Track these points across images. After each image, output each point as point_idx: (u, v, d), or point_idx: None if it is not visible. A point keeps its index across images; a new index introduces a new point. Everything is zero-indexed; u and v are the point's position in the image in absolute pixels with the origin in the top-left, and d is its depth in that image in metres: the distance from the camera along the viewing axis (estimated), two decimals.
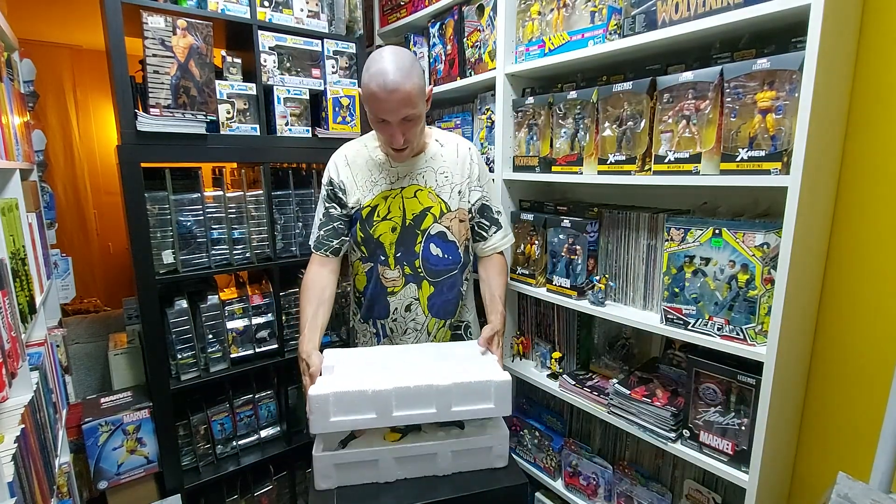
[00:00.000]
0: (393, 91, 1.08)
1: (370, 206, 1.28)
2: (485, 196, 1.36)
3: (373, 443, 0.99)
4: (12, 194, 1.40)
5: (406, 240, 1.29)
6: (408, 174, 1.29)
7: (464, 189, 1.32)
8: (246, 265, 1.77)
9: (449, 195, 1.31)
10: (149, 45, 1.46)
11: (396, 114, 1.12)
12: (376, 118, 1.15)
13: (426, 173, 1.30)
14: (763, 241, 1.02)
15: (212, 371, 1.72)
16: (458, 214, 1.32)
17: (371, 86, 1.10)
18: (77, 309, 2.86)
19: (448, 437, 1.01)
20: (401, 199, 1.28)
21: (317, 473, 0.97)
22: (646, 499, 1.37)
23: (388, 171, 1.29)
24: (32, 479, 1.05)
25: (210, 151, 1.63)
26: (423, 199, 1.29)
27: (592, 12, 1.31)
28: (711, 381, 1.14)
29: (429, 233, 1.30)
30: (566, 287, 1.45)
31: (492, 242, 1.38)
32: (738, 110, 1.03)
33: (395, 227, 1.28)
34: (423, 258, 1.31)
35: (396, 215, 1.28)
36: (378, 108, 1.12)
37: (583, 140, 1.38)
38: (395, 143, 1.17)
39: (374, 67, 1.10)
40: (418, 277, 1.31)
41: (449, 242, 1.32)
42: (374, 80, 1.09)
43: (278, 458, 1.90)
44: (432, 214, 1.29)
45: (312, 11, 1.81)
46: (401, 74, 1.08)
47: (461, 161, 1.33)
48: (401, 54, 1.12)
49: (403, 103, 1.10)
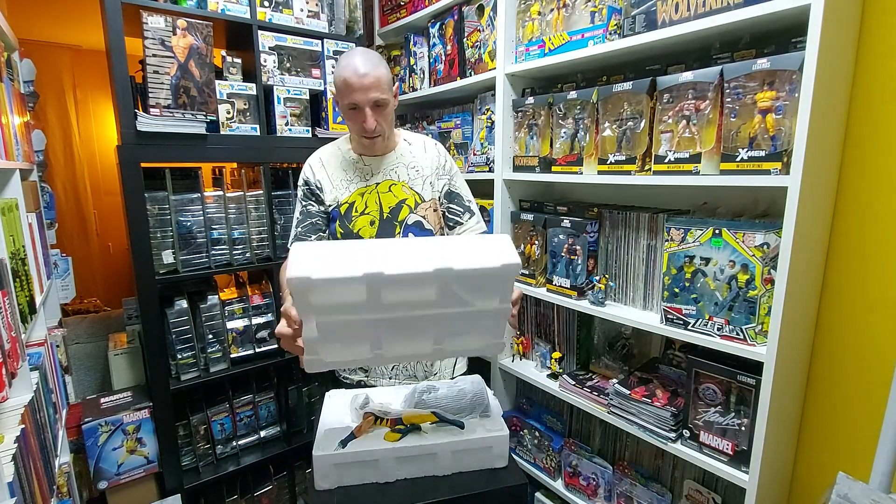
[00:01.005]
0: (364, 75, 1.16)
1: (347, 202, 1.32)
2: (452, 182, 1.39)
3: (373, 443, 0.99)
4: (12, 194, 1.40)
5: (385, 232, 1.32)
6: (381, 170, 1.34)
7: (433, 180, 1.37)
8: (246, 265, 1.77)
9: (421, 186, 1.35)
10: (149, 45, 1.46)
11: (367, 95, 1.18)
12: (349, 105, 1.20)
13: (398, 168, 1.35)
14: (763, 241, 1.02)
15: (212, 371, 1.72)
16: (431, 204, 1.36)
17: (343, 73, 1.18)
18: (77, 309, 2.86)
19: (448, 437, 1.01)
20: (376, 194, 1.32)
21: (317, 473, 0.97)
22: (646, 499, 1.37)
23: (362, 168, 1.34)
24: (32, 479, 1.05)
25: (210, 151, 1.63)
26: (397, 192, 1.33)
27: (592, 12, 1.31)
28: (711, 381, 1.14)
29: (406, 223, 1.33)
30: (566, 287, 1.45)
31: (468, 227, 1.39)
32: (738, 110, 1.03)
33: (373, 221, 1.32)
34: None
35: (374, 209, 1.32)
36: (350, 92, 1.18)
37: (583, 140, 1.38)
38: (367, 127, 1.21)
39: (343, 61, 1.20)
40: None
41: (426, 230, 1.35)
42: (345, 69, 1.18)
43: (278, 458, 1.90)
44: (408, 206, 1.33)
45: (312, 11, 1.81)
46: (371, 63, 1.18)
47: (429, 155, 1.38)
48: (369, 51, 1.23)
49: (374, 86, 1.17)
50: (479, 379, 1.18)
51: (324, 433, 1.02)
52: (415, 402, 1.11)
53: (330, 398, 1.17)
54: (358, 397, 1.12)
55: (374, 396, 1.14)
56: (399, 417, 1.04)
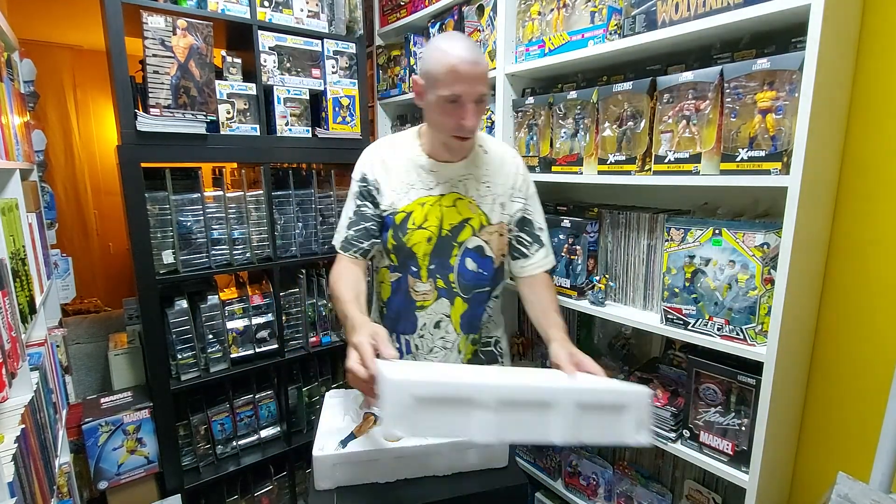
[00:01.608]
0: (475, 63, 1.01)
1: (405, 211, 1.17)
2: (527, 208, 1.24)
3: (373, 443, 0.99)
4: (12, 194, 1.40)
5: (441, 251, 1.17)
6: (448, 180, 1.17)
7: (506, 201, 1.21)
8: (246, 265, 1.77)
9: (490, 207, 1.19)
10: (149, 45, 1.46)
11: (475, 88, 1.02)
12: (449, 97, 1.02)
13: (467, 181, 1.18)
14: (763, 241, 1.02)
15: (212, 371, 1.72)
16: (498, 228, 1.21)
17: (447, 58, 1.00)
18: (77, 309, 2.86)
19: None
20: (439, 208, 1.16)
21: (317, 473, 0.97)
22: (646, 499, 1.37)
23: (427, 175, 1.17)
24: (32, 480, 1.05)
25: (210, 151, 1.63)
26: (462, 209, 1.17)
27: (592, 12, 1.31)
28: (711, 381, 1.14)
29: (466, 246, 1.18)
30: (566, 287, 1.45)
31: (535, 260, 1.23)
32: (738, 110, 1.03)
33: (430, 237, 1.16)
34: (458, 272, 1.19)
35: (433, 224, 1.16)
36: (455, 82, 1.01)
37: (583, 140, 1.38)
38: (468, 125, 1.05)
39: (444, 44, 1.03)
40: (451, 293, 1.20)
41: (486, 258, 1.20)
42: (450, 53, 1.01)
43: (278, 458, 1.90)
44: (471, 226, 1.18)
45: (312, 11, 1.81)
46: (477, 51, 1.03)
47: (506, 171, 1.22)
48: (467, 36, 1.07)
49: (482, 79, 1.03)
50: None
51: (324, 433, 1.02)
52: None
53: (330, 398, 1.17)
54: (358, 398, 1.12)
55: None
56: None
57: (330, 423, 1.07)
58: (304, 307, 1.91)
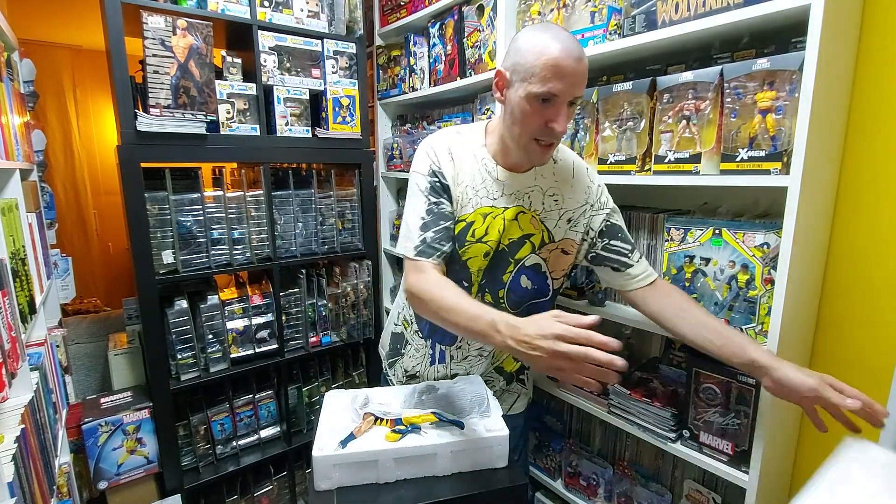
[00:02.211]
0: (579, 60, 0.88)
1: (465, 221, 1.04)
2: (611, 217, 1.11)
3: (372, 443, 0.99)
4: (12, 194, 1.40)
5: (495, 267, 1.08)
6: (514, 192, 1.05)
7: (576, 217, 1.09)
8: (246, 265, 1.77)
9: (555, 223, 1.08)
10: (149, 45, 1.46)
11: (574, 89, 0.90)
12: (544, 94, 0.89)
13: (533, 194, 1.06)
14: (763, 241, 1.02)
15: (212, 371, 1.72)
16: (561, 245, 1.09)
17: (552, 51, 0.87)
18: (77, 309, 2.86)
19: (448, 438, 1.01)
20: (501, 221, 1.04)
21: (316, 474, 0.97)
22: (646, 499, 1.37)
23: (494, 182, 1.04)
24: (32, 480, 1.05)
25: (210, 151, 1.63)
26: (524, 224, 1.05)
27: (592, 12, 1.31)
28: (711, 381, 1.14)
29: (523, 263, 1.08)
30: (566, 287, 1.45)
31: (642, 268, 1.09)
32: (738, 110, 1.03)
33: (488, 253, 1.05)
34: (509, 289, 1.10)
35: (493, 238, 1.04)
36: (555, 78, 0.88)
37: (583, 140, 1.38)
38: (558, 128, 0.91)
39: (548, 34, 0.89)
40: (499, 307, 1.09)
41: (541, 274, 1.10)
42: (551, 45, 0.87)
43: (278, 458, 1.90)
44: (531, 243, 1.07)
45: (312, 11, 1.81)
46: (580, 48, 0.90)
47: (576, 183, 1.09)
48: (572, 36, 0.92)
49: (583, 79, 0.91)
50: (478, 379, 1.18)
51: (323, 434, 1.02)
52: (414, 402, 1.11)
53: (330, 398, 1.17)
54: (357, 398, 1.12)
55: (374, 397, 1.14)
56: (399, 418, 1.04)
57: (329, 423, 1.07)
58: (304, 307, 1.91)
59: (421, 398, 1.11)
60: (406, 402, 1.12)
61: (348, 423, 1.05)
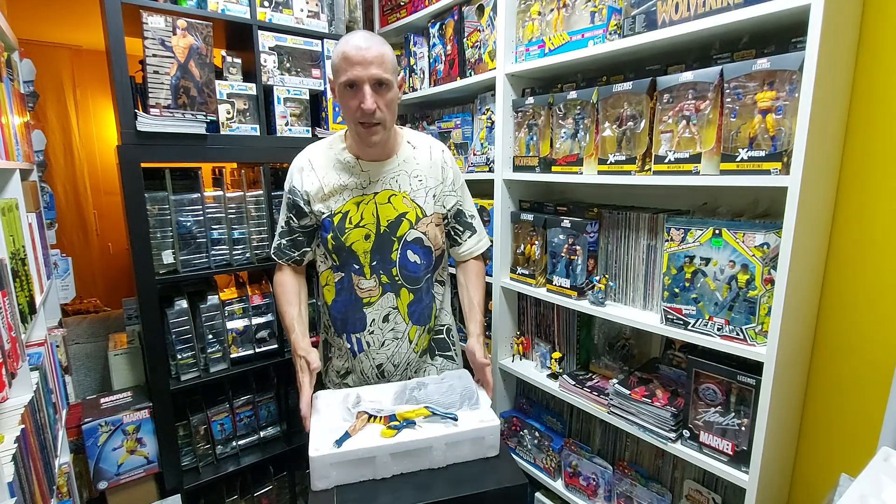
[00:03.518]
0: (366, 49, 1.06)
1: (341, 212, 1.20)
2: (459, 200, 1.33)
3: (368, 440, 1.00)
4: (12, 194, 1.40)
5: (381, 247, 1.22)
6: (380, 178, 1.21)
7: (438, 194, 1.27)
8: (246, 265, 1.77)
9: (424, 199, 1.24)
10: (149, 45, 1.46)
11: (368, 71, 1.06)
12: (345, 82, 1.08)
13: (399, 177, 1.22)
14: (763, 241, 1.02)
15: (212, 371, 1.72)
16: (433, 219, 1.26)
17: (341, 48, 1.08)
18: (77, 309, 2.86)
19: (442, 430, 1.02)
20: (374, 205, 1.20)
21: (314, 474, 0.97)
22: (646, 499, 1.37)
23: (359, 174, 1.21)
24: (32, 480, 1.05)
25: (210, 151, 1.63)
26: (397, 204, 1.21)
27: (592, 12, 1.31)
28: (711, 381, 1.14)
29: (405, 239, 1.22)
30: (566, 287, 1.45)
31: (466, 247, 1.35)
32: (738, 110, 1.03)
33: (368, 235, 1.20)
34: (400, 265, 1.24)
35: (370, 222, 1.20)
36: (348, 67, 1.06)
37: (583, 140, 1.38)
38: (366, 107, 1.07)
39: (343, 38, 1.11)
40: (396, 286, 1.24)
41: (425, 247, 1.26)
42: (344, 44, 1.08)
43: (278, 458, 1.90)
44: (408, 220, 1.22)
45: (312, 11, 1.81)
46: (374, 40, 1.09)
47: (434, 164, 1.27)
48: (372, 32, 1.14)
49: (376, 61, 1.06)
50: (466, 373, 1.20)
51: (318, 433, 1.02)
52: (406, 398, 1.11)
53: (318, 399, 1.17)
54: (349, 396, 1.12)
55: (365, 395, 1.14)
56: (393, 414, 1.05)
57: (323, 422, 1.07)
58: None
59: (412, 394, 1.12)
60: (397, 398, 1.13)
61: (341, 423, 1.05)
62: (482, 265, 1.40)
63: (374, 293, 1.24)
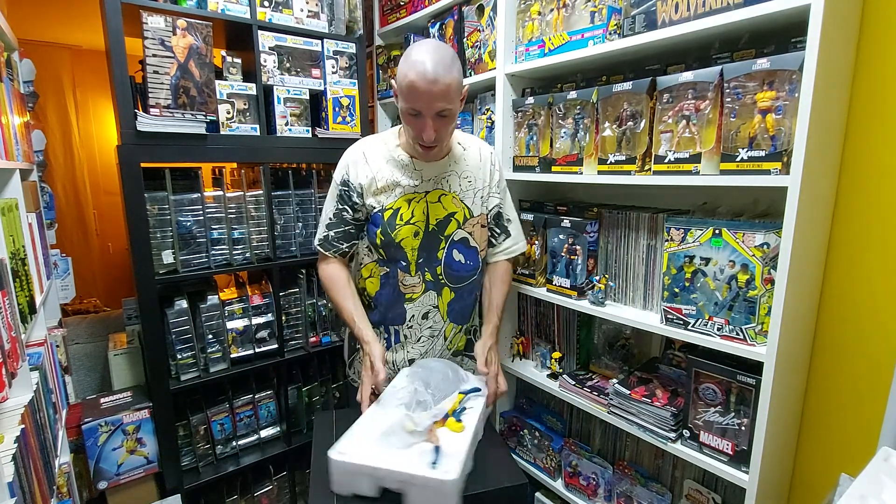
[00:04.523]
0: (433, 81, 1.04)
1: (392, 208, 1.22)
2: (501, 203, 1.35)
3: (455, 441, 1.01)
4: (12, 194, 1.40)
5: (429, 245, 1.25)
6: (432, 178, 1.24)
7: (485, 195, 1.31)
8: (246, 265, 1.77)
9: (472, 200, 1.28)
10: (149, 45, 1.46)
11: (432, 106, 1.07)
12: (410, 109, 1.10)
13: (450, 178, 1.26)
14: (763, 241, 1.02)
15: (212, 371, 1.72)
16: (479, 220, 1.30)
17: (409, 74, 1.05)
18: (77, 309, 2.86)
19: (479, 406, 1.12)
20: (425, 204, 1.24)
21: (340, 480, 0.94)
22: (646, 499, 1.37)
23: (412, 173, 1.23)
24: (32, 480, 1.05)
25: (210, 151, 1.63)
26: (447, 203, 1.25)
27: (592, 12, 1.31)
28: (711, 381, 1.14)
29: (452, 238, 1.26)
30: (566, 287, 1.45)
31: (500, 248, 1.38)
32: (737, 110, 1.03)
33: (417, 232, 1.23)
34: (445, 264, 1.28)
35: (420, 220, 1.23)
36: (414, 99, 1.07)
37: (583, 140, 1.38)
38: (425, 139, 1.12)
39: (414, 56, 1.06)
40: (439, 284, 1.28)
41: (471, 248, 1.29)
42: (413, 68, 1.05)
43: (278, 458, 1.90)
44: (456, 220, 1.26)
45: (312, 11, 1.81)
46: (442, 66, 1.05)
47: (483, 165, 1.31)
48: (443, 48, 1.09)
49: (441, 96, 1.06)
50: (425, 362, 1.24)
51: (401, 461, 0.95)
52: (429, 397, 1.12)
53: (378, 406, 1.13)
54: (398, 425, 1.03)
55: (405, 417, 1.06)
56: (446, 413, 1.09)
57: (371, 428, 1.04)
58: (304, 307, 1.91)
59: (428, 391, 1.13)
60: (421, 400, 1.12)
61: (404, 445, 0.99)
62: (510, 269, 1.41)
63: (416, 290, 1.28)
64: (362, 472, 0.92)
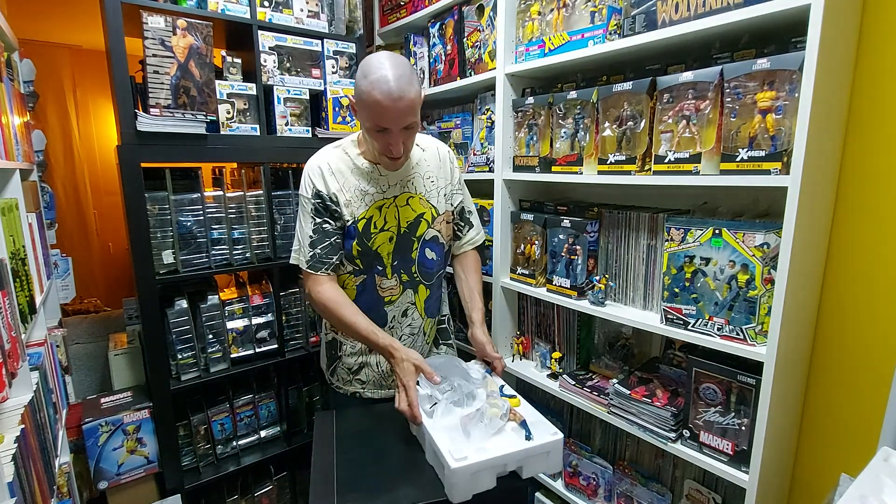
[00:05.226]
0: (398, 99, 1.04)
1: (365, 217, 1.23)
2: (464, 198, 1.41)
3: (534, 412, 1.12)
4: (12, 194, 1.40)
5: (403, 248, 1.28)
6: (398, 182, 1.27)
7: (448, 192, 1.35)
8: (246, 265, 1.77)
9: (437, 199, 1.32)
10: (149, 45, 1.46)
11: (400, 122, 1.09)
12: (376, 126, 1.10)
13: (415, 179, 1.29)
14: (763, 241, 1.02)
15: (212, 371, 1.72)
16: (445, 217, 1.34)
17: (374, 94, 1.04)
18: (77, 309, 2.86)
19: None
20: (395, 209, 1.26)
21: (456, 488, 0.93)
22: (646, 499, 1.37)
23: (377, 179, 1.25)
24: (32, 480, 1.05)
25: (210, 151, 1.63)
26: (415, 205, 1.28)
27: (592, 12, 1.31)
28: (711, 381, 1.14)
29: (424, 238, 1.30)
30: (566, 287, 1.45)
31: (466, 239, 1.43)
32: (738, 110, 1.03)
33: (392, 237, 1.26)
34: (419, 263, 1.31)
35: (392, 225, 1.26)
36: (381, 117, 1.07)
37: (583, 140, 1.38)
38: (394, 153, 1.14)
39: (374, 74, 1.05)
40: (415, 282, 1.32)
41: (439, 244, 1.34)
42: (376, 87, 1.04)
43: (278, 459, 1.90)
44: (425, 220, 1.30)
45: (312, 11, 1.81)
46: (404, 81, 1.05)
47: (444, 164, 1.35)
48: (399, 60, 1.09)
49: (407, 111, 1.07)
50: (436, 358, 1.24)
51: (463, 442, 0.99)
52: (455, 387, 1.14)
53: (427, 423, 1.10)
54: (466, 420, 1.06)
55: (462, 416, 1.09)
56: (494, 391, 1.15)
57: (453, 430, 1.04)
58: (304, 307, 1.91)
59: (452, 382, 1.14)
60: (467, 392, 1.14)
61: (498, 430, 1.04)
62: (478, 256, 1.47)
63: (394, 292, 1.31)
64: (486, 467, 0.95)
